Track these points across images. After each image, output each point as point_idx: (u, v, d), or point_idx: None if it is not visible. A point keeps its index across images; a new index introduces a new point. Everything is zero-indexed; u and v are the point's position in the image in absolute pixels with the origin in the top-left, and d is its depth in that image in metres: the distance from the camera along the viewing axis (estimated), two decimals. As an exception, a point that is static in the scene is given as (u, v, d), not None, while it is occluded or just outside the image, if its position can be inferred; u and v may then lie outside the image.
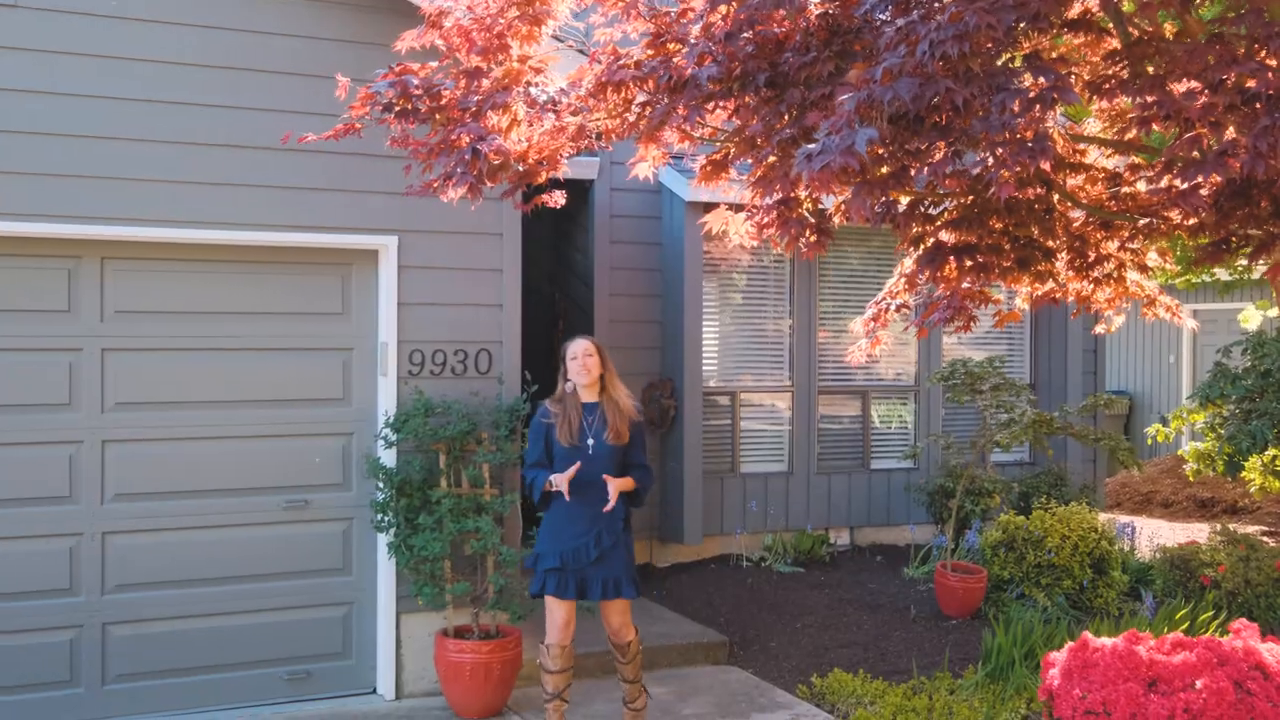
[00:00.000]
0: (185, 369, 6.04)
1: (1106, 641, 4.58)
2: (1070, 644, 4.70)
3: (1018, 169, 3.19)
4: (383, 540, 6.27)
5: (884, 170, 3.72)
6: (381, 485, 6.17)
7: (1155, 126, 3.32)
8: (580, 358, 5.49)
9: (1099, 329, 6.30)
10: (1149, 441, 12.95)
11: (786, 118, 3.99)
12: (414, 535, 6.06)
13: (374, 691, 6.40)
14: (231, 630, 6.13)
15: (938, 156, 3.33)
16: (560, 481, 5.30)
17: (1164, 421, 12.98)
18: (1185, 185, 3.31)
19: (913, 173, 3.39)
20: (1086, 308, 6.08)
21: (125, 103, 5.74)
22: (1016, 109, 3.14)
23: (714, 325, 9.39)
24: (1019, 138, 3.18)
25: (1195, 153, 3.27)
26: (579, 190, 9.12)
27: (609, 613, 5.55)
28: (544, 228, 9.87)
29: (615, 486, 5.36)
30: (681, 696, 6.49)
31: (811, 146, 3.19)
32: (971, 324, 6.00)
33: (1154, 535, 10.78)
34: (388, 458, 6.25)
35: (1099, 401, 7.68)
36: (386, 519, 6.15)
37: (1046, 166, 3.21)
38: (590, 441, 5.42)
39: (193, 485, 6.06)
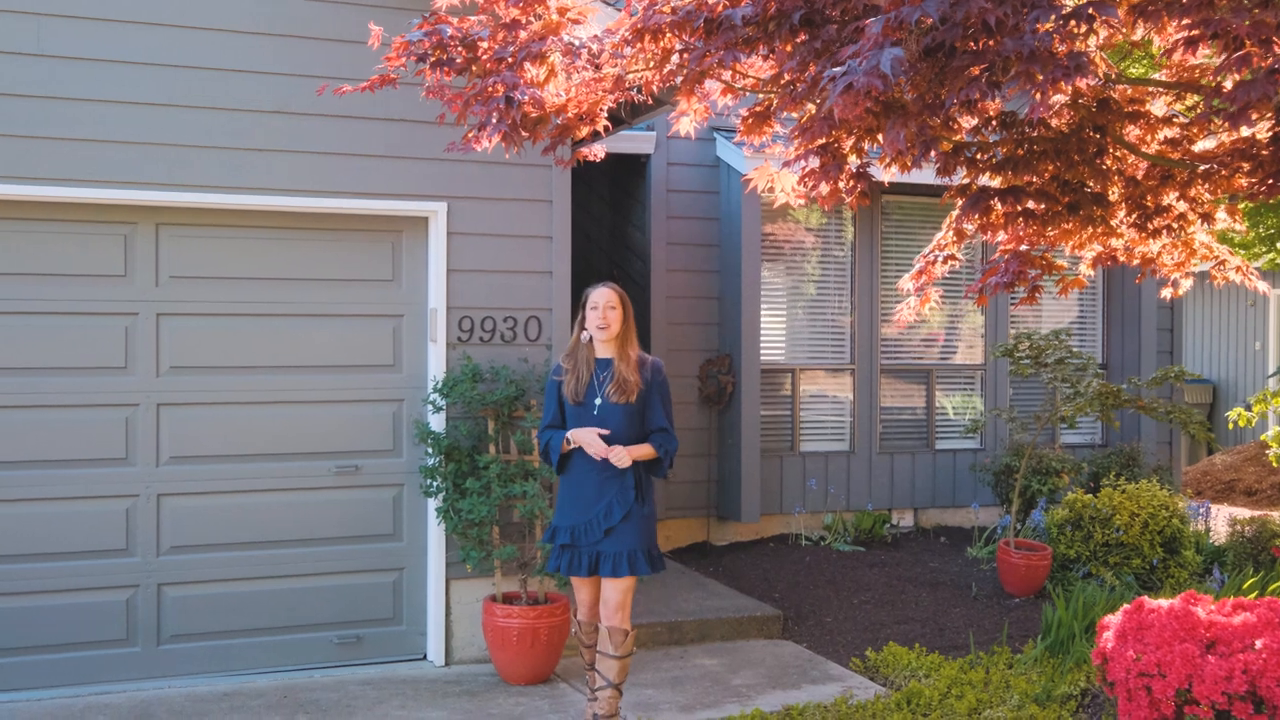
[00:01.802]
0: (238, 334, 6.10)
1: (1163, 603, 4.41)
2: (1125, 607, 4.54)
3: (1053, 89, 3.06)
4: (432, 505, 6.27)
5: (922, 109, 3.61)
6: (430, 450, 6.18)
7: (1203, 48, 3.17)
8: (601, 309, 5.03)
9: (1165, 293, 6.08)
10: (1230, 426, 12.54)
11: (823, 58, 3.89)
12: (461, 499, 6.06)
13: (424, 658, 6.41)
14: (283, 594, 6.18)
15: (971, 85, 3.21)
16: (582, 437, 4.97)
17: (1247, 406, 12.56)
18: (1235, 108, 3.16)
19: (945, 99, 3.26)
20: (1152, 271, 5.88)
21: (180, 70, 5.82)
22: (1051, 26, 3.02)
23: (773, 302, 9.28)
24: (1054, 56, 3.05)
25: (1245, 72, 3.12)
26: (635, 165, 9.07)
27: (610, 589, 5.04)
28: (602, 205, 9.85)
29: (622, 454, 4.94)
30: (732, 668, 6.41)
31: (837, 70, 3.10)
32: (1035, 294, 5.83)
33: (1232, 518, 10.43)
34: (436, 423, 6.26)
35: (1169, 374, 7.42)
36: (435, 484, 6.15)
37: (1083, 85, 3.08)
38: (596, 400, 5.01)
39: (245, 449, 6.12)
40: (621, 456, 4.94)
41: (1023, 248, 5.68)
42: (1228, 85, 3.32)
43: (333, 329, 6.27)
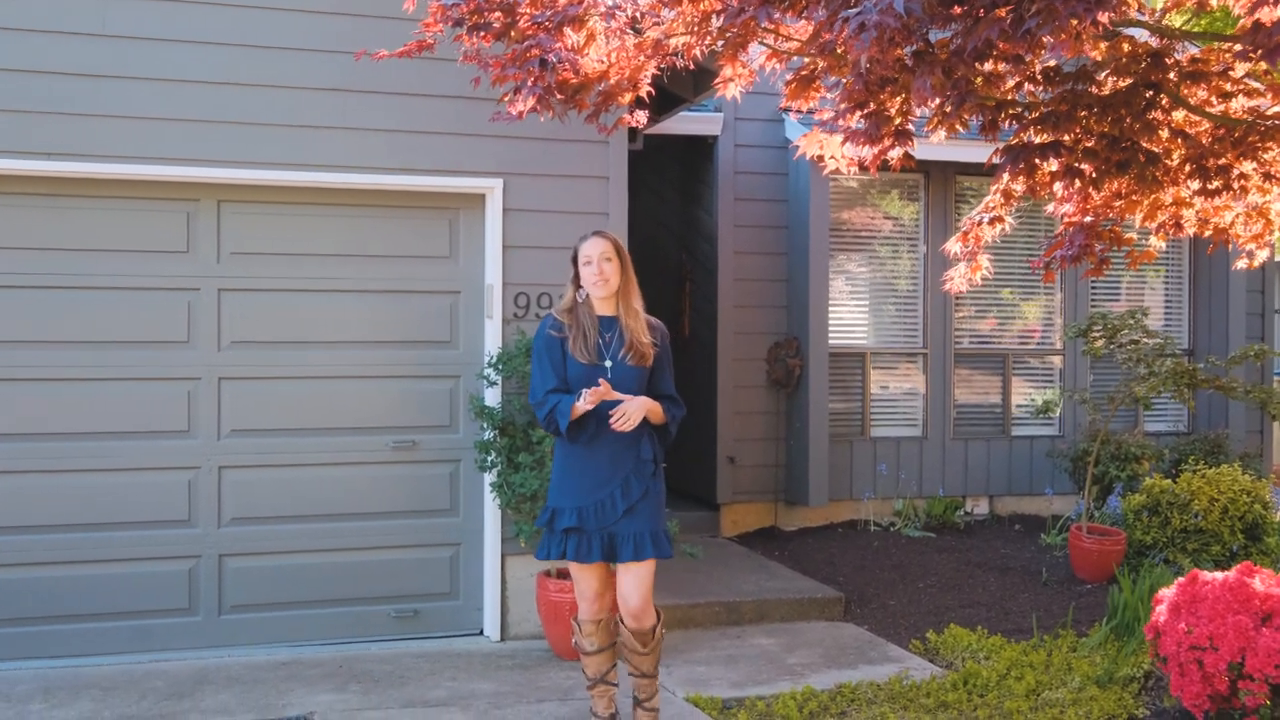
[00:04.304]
0: (298, 309, 6.19)
1: (1218, 575, 4.23)
2: (1180, 580, 4.37)
3: (1079, 28, 2.95)
4: (487, 480, 6.30)
5: (949, 55, 3.51)
6: (485, 425, 6.21)
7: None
8: (596, 262, 4.50)
9: (1240, 264, 5.87)
10: (1330, 417, 12.00)
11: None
12: (514, 474, 6.07)
13: (480, 633, 6.43)
14: (341, 567, 6.25)
15: (993, 26, 3.11)
16: (593, 396, 4.33)
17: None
18: (1270, 45, 3.01)
19: (968, 44, 3.17)
20: (1225, 242, 5.67)
21: (242, 49, 5.93)
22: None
23: (843, 285, 9.16)
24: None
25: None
26: (703, 148, 9.02)
27: (628, 580, 4.52)
28: (671, 190, 9.82)
29: (638, 406, 4.41)
30: (789, 648, 6.32)
31: (851, 10, 3.03)
32: (1102, 268, 5.65)
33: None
34: (491, 398, 6.29)
35: (1249, 352, 7.14)
36: (489, 459, 6.18)
37: (1105, 20, 2.95)
38: (608, 363, 4.48)
39: (304, 423, 6.21)
40: (637, 411, 4.43)
41: (1088, 219, 5.53)
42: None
43: (391, 305, 6.33)
